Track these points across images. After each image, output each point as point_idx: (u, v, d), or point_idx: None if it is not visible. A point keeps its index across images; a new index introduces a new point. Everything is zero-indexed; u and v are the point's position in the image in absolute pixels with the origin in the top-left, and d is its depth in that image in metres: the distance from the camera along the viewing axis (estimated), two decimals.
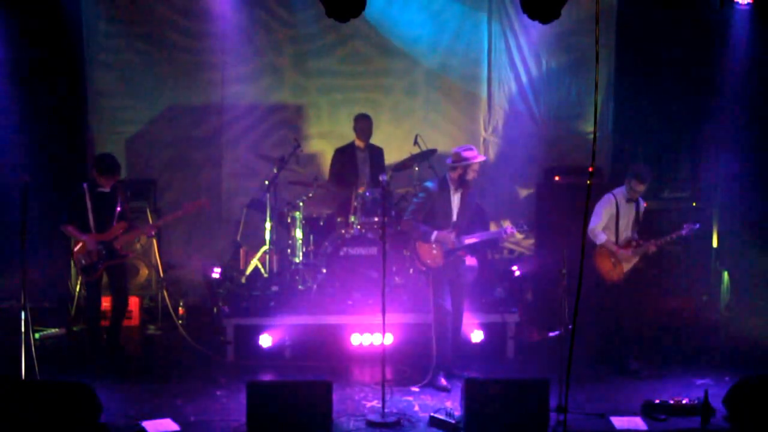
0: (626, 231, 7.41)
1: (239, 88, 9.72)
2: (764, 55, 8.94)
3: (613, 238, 7.36)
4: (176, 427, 6.10)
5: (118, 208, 7.38)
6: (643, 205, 7.51)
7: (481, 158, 7.03)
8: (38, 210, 7.45)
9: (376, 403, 6.50)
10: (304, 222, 8.47)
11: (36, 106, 8.64)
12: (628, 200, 7.37)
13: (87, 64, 9.28)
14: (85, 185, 7.31)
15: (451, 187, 7.02)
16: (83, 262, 7.29)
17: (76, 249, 7.33)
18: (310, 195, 8.51)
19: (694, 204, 8.89)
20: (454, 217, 7.04)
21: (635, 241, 7.35)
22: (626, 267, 7.36)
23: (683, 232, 7.33)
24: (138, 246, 8.80)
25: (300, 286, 8.33)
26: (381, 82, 9.90)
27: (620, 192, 7.39)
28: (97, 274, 7.31)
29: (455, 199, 7.04)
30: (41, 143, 8.61)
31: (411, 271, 8.46)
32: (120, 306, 7.51)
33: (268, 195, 8.43)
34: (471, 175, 6.97)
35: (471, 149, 7.01)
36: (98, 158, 7.46)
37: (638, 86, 9.59)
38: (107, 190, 7.31)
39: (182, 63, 9.55)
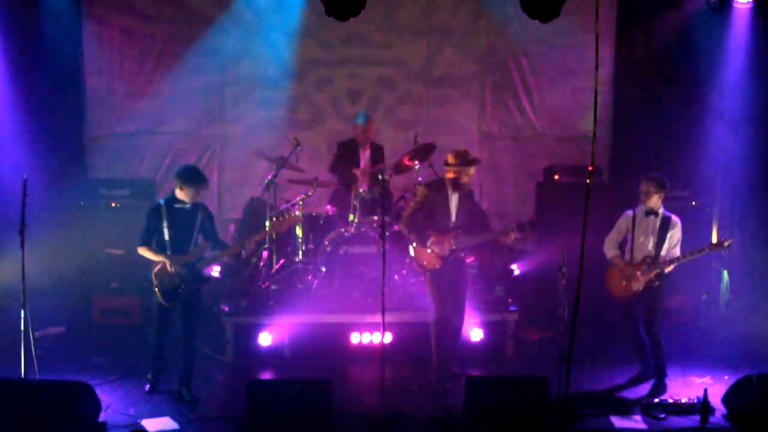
0: (646, 247, 6.97)
1: (239, 88, 9.72)
2: (764, 53, 8.94)
3: (628, 254, 7.05)
4: (176, 426, 6.12)
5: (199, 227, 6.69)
6: (674, 221, 7.00)
7: (476, 162, 6.99)
8: (38, 209, 7.43)
9: (376, 403, 6.50)
10: (303, 221, 8.47)
11: (35, 106, 8.63)
12: (647, 213, 6.99)
13: (86, 64, 9.27)
14: (162, 201, 6.70)
15: (450, 188, 7.01)
16: (164, 285, 6.55)
17: (156, 270, 6.57)
18: (310, 194, 8.51)
19: (693, 203, 8.88)
20: (453, 218, 7.03)
21: (649, 258, 6.92)
22: (636, 285, 6.94)
23: (707, 251, 6.94)
24: None
25: (300, 285, 8.33)
26: (382, 81, 9.89)
27: (640, 206, 7.05)
28: (179, 300, 6.62)
29: (453, 200, 7.02)
30: (41, 143, 8.59)
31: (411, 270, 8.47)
32: (191, 344, 6.80)
33: (268, 194, 8.43)
34: (465, 179, 6.95)
35: (465, 153, 6.98)
36: (183, 170, 6.68)
37: (637, 85, 9.58)
38: (187, 206, 6.62)
39: (182, 63, 9.54)
